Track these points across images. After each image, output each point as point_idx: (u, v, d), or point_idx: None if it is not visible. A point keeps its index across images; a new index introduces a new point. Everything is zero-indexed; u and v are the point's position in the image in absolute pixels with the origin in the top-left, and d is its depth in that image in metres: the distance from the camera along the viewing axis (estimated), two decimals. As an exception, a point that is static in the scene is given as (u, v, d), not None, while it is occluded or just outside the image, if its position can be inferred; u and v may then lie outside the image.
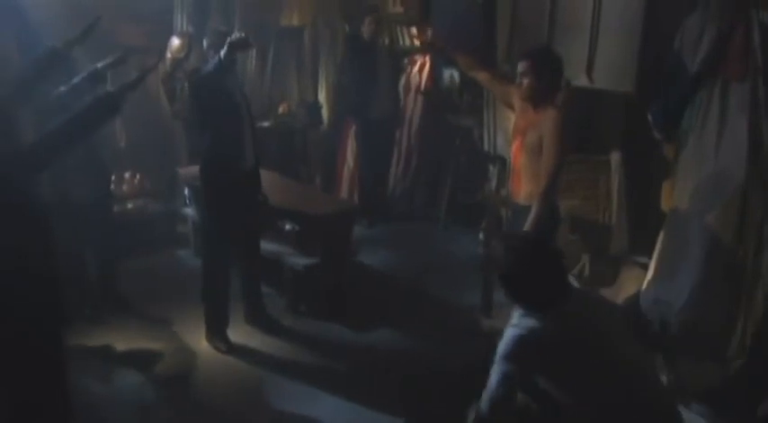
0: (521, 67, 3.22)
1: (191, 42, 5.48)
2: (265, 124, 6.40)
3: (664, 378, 3.36)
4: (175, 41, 5.54)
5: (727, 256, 3.23)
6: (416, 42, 6.07)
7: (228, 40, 3.46)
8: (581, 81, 4.31)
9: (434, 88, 5.93)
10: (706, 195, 3.35)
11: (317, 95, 6.65)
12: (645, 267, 3.79)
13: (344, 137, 6.27)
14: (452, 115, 5.75)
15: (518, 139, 3.29)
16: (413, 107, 6.15)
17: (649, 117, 3.95)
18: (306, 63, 6.67)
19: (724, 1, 3.51)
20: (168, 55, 5.55)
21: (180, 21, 5.92)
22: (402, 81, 6.14)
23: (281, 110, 6.52)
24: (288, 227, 4.33)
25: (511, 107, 3.49)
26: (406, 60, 6.16)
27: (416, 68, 6.03)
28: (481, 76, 3.69)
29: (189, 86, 3.61)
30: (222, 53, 3.45)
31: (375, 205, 6.00)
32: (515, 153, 3.31)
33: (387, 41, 6.17)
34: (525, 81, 3.19)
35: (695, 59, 3.62)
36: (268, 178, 4.78)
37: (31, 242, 2.34)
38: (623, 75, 4.16)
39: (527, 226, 3.10)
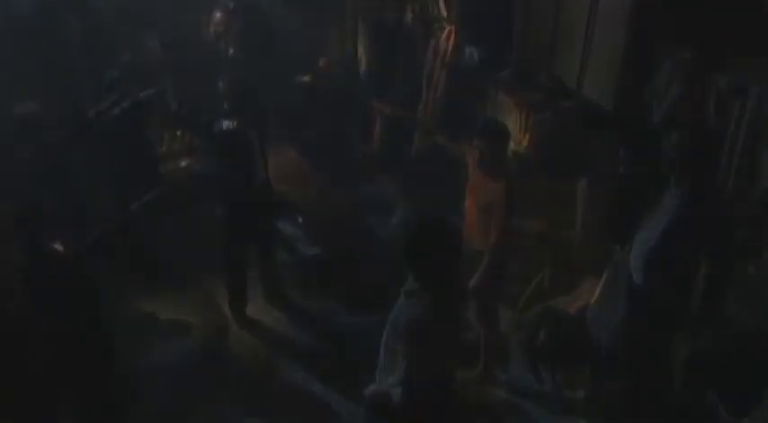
0: (476, 141, 3.65)
1: (230, 17, 5.98)
2: (306, 79, 6.90)
3: (582, 392, 4.03)
4: (217, 15, 6.05)
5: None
6: (444, 12, 6.26)
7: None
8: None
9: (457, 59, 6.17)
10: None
11: (356, 50, 7.00)
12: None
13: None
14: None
15: (471, 196, 3.78)
16: (440, 69, 6.45)
17: (620, 151, 4.29)
18: (346, 17, 6.97)
19: (684, 64, 3.73)
20: (212, 28, 6.09)
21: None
22: (432, 44, 6.40)
23: (321, 64, 6.95)
24: (300, 220, 5.03)
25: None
26: (436, 25, 6.38)
27: (444, 35, 6.26)
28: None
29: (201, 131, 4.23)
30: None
31: (398, 164, 6.50)
32: (469, 208, 3.81)
33: (417, 9, 6.37)
34: (479, 152, 3.65)
35: (659, 112, 3.91)
36: (291, 163, 5.43)
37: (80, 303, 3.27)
38: (605, 100, 4.44)
39: (479, 272, 3.69)
